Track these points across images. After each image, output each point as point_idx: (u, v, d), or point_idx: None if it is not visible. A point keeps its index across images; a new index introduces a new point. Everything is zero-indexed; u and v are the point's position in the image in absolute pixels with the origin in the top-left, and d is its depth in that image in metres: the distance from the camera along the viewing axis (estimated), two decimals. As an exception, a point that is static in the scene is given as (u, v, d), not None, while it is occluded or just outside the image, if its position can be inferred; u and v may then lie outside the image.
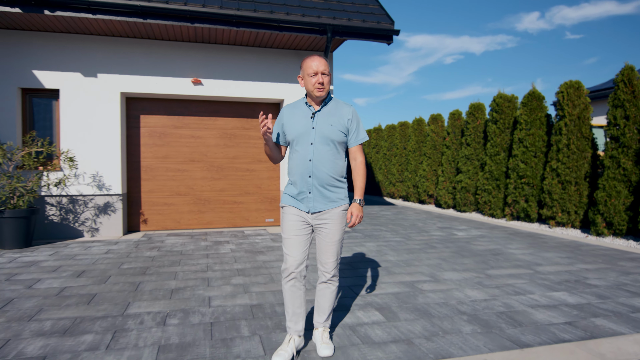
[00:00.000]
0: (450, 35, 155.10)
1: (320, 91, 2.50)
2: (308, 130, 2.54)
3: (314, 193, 2.52)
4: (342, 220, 2.58)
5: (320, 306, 2.67)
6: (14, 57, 6.33)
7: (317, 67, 2.48)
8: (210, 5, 6.20)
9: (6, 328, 2.94)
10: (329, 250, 2.57)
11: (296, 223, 2.56)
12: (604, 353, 2.65)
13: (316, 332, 2.68)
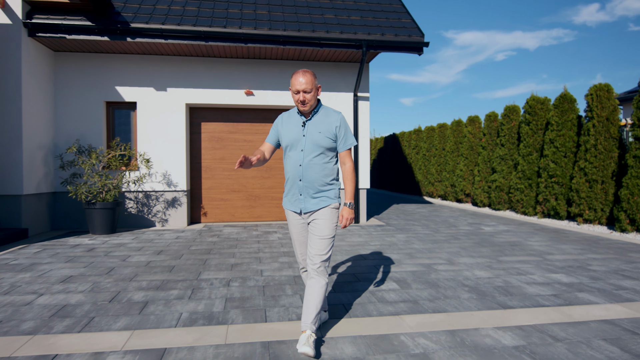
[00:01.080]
0: (502, 31, 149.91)
1: (302, 107, 2.72)
2: (299, 137, 2.76)
3: (304, 195, 2.76)
4: (332, 217, 2.75)
5: (308, 303, 2.60)
6: (100, 75, 7.62)
7: (299, 86, 2.67)
8: (261, 27, 7.19)
9: (115, 285, 3.99)
10: (316, 245, 2.69)
11: (297, 226, 2.87)
12: (572, 314, 3.31)
13: (303, 335, 2.49)
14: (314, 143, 2.71)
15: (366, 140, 8.39)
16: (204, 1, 7.80)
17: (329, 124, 2.75)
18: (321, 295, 2.62)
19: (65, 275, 4.32)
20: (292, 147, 2.78)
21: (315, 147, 2.71)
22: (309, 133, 2.73)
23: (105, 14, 6.93)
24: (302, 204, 2.76)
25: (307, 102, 2.69)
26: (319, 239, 2.70)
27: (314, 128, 2.73)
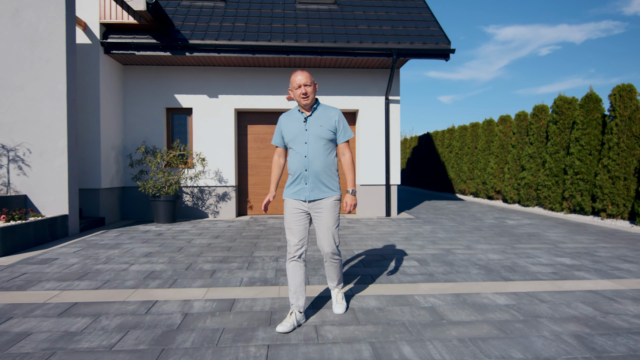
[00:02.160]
0: (546, 24, 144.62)
1: (304, 100, 2.97)
2: (302, 132, 3.01)
3: (309, 184, 2.98)
4: (334, 209, 3.01)
5: (329, 276, 3.23)
6: (161, 85, 8.72)
7: (299, 81, 2.95)
8: (301, 40, 8.05)
9: (187, 258, 4.94)
10: (325, 236, 3.01)
11: (294, 215, 3.03)
12: (563, 286, 3.95)
13: (333, 292, 3.30)
14: (316, 135, 2.98)
15: (397, 140, 9.09)
16: (251, 17, 8.76)
17: (329, 118, 3.02)
18: (339, 270, 3.19)
19: (145, 251, 5.33)
20: (296, 141, 3.02)
21: (317, 139, 2.98)
22: (311, 127, 2.99)
23: (167, 32, 8.00)
24: (307, 193, 2.99)
25: (308, 94, 2.95)
26: (327, 230, 2.99)
27: (315, 122, 3.00)
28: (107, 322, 3.03)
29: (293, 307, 2.96)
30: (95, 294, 3.67)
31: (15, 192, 6.30)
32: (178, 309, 3.30)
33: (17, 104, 6.32)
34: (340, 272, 3.22)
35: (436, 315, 3.19)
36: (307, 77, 2.97)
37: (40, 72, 6.35)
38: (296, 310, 2.95)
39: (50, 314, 3.20)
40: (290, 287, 3.00)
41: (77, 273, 4.31)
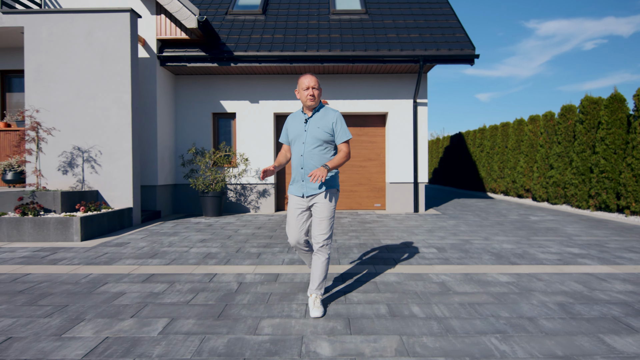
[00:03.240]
0: (591, 17, 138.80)
1: (311, 101, 3.20)
2: (302, 132, 3.24)
3: (306, 180, 3.21)
4: (329, 201, 3.22)
5: (313, 274, 3.25)
6: (208, 92, 9.67)
7: (308, 83, 3.18)
8: (334, 50, 8.78)
9: (236, 244, 5.77)
10: (319, 225, 3.19)
11: (295, 210, 3.28)
12: (563, 270, 4.49)
13: (309, 299, 3.24)
14: (313, 136, 3.18)
15: (424, 140, 9.66)
16: (289, 29, 9.57)
17: (327, 121, 3.23)
18: (324, 268, 3.21)
19: (200, 238, 6.21)
20: (296, 140, 3.27)
21: (314, 140, 3.18)
22: (310, 128, 3.21)
23: (214, 45, 8.92)
24: (304, 189, 3.23)
25: (315, 96, 3.19)
26: (320, 220, 3.19)
27: (314, 124, 3.22)
28: (180, 287, 3.87)
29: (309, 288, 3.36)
30: (166, 268, 4.54)
31: (89, 188, 7.35)
32: (234, 279, 4.10)
33: (90, 111, 7.36)
34: (324, 273, 3.22)
35: (444, 287, 3.84)
36: (315, 81, 3.21)
37: (109, 84, 7.38)
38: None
39: (135, 280, 4.07)
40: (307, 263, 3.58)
41: (148, 253, 5.22)
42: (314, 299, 3.21)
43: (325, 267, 3.23)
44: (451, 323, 3.01)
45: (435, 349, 2.60)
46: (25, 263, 4.77)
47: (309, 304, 3.26)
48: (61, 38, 7.36)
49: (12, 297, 3.59)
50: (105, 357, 2.52)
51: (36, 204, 6.34)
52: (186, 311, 3.25)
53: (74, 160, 7.32)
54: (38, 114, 7.21)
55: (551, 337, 2.77)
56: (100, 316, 3.16)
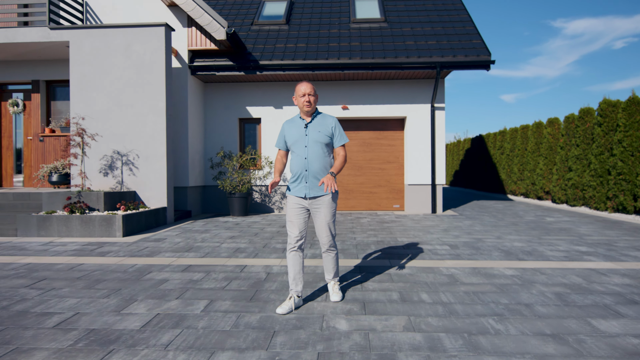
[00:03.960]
0: (621, 15, 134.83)
1: (307, 107, 3.37)
2: (302, 136, 3.39)
3: (309, 182, 3.35)
4: (331, 204, 3.39)
5: (327, 267, 3.56)
6: (235, 99, 10.23)
7: (304, 91, 3.35)
8: (354, 57, 9.21)
9: (262, 240, 6.26)
10: (323, 229, 3.40)
11: (295, 210, 3.40)
12: (567, 265, 4.79)
13: (329, 285, 3.60)
14: (315, 140, 3.37)
15: (442, 143, 9.98)
16: (311, 38, 10.05)
17: (326, 125, 3.43)
18: (336, 261, 3.54)
19: (229, 235, 6.72)
20: (297, 145, 3.41)
21: (315, 144, 3.37)
22: (310, 132, 3.39)
23: (241, 54, 9.48)
24: (307, 190, 3.37)
25: (311, 103, 3.37)
26: (325, 224, 3.39)
27: (314, 129, 3.40)
28: (215, 276, 4.36)
29: (292, 292, 3.37)
30: (201, 260, 5.05)
31: (127, 189, 7.98)
32: (262, 270, 4.58)
33: (128, 118, 8.00)
34: (336, 265, 3.56)
35: (452, 279, 4.22)
36: (311, 88, 3.38)
37: (146, 93, 7.99)
38: (295, 295, 3.35)
39: (175, 270, 4.59)
40: (290, 274, 3.40)
41: (184, 247, 5.76)
42: (332, 285, 3.59)
43: (337, 260, 3.57)
44: (455, 307, 3.40)
45: (438, 327, 3.00)
46: (77, 255, 5.36)
47: (329, 290, 3.64)
48: (102, 51, 8.03)
49: (72, 282, 4.15)
50: (159, 327, 3.02)
51: (82, 203, 6.97)
52: (222, 295, 3.74)
53: (114, 163, 7.96)
54: (82, 120, 7.88)
55: (543, 320, 3.13)
56: (149, 297, 3.67)
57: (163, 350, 2.67)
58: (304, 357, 2.55)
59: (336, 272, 3.59)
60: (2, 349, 2.70)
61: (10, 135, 9.73)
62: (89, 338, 2.86)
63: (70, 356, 2.60)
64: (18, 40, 8.21)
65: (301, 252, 3.45)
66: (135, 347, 2.71)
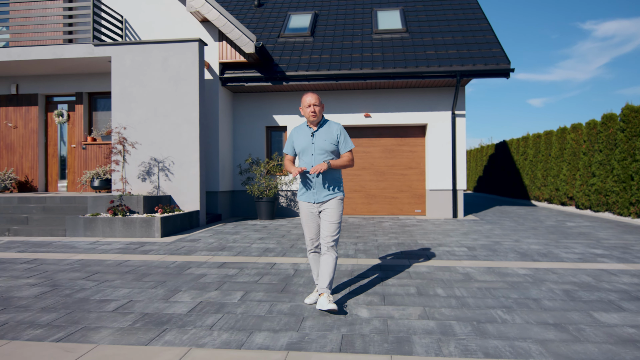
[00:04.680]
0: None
1: (313, 117, 3.49)
2: (309, 144, 3.53)
3: (316, 189, 3.50)
4: (338, 207, 3.51)
5: (322, 272, 3.43)
6: (262, 108, 10.75)
7: (309, 101, 3.48)
8: (377, 67, 9.59)
9: (289, 242, 6.67)
10: (328, 228, 3.47)
11: (307, 214, 3.58)
12: (580, 266, 5.02)
13: (320, 298, 3.32)
14: (321, 148, 3.51)
15: (462, 150, 10.22)
16: (335, 49, 10.49)
17: (332, 133, 3.55)
18: (333, 267, 3.43)
19: (258, 237, 7.17)
20: (304, 152, 3.57)
21: (322, 151, 3.51)
22: (317, 141, 3.53)
23: (268, 66, 9.99)
24: (315, 196, 3.53)
25: (317, 113, 3.50)
26: (329, 223, 3.48)
27: (320, 137, 3.53)
28: (248, 272, 4.80)
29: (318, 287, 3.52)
30: (234, 258, 5.50)
31: (163, 193, 8.55)
32: (291, 267, 4.99)
33: (165, 128, 8.58)
34: (333, 272, 3.42)
35: (467, 277, 4.53)
36: (317, 98, 3.51)
37: (181, 104, 8.57)
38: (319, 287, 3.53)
39: (212, 266, 5.05)
40: (313, 272, 3.72)
41: (217, 247, 6.23)
42: (325, 297, 3.31)
43: (334, 266, 3.45)
44: (467, 300, 3.72)
45: (450, 316, 3.33)
46: (122, 253, 5.90)
47: (320, 302, 3.30)
48: (141, 65, 8.66)
49: (122, 276, 4.66)
50: (203, 312, 3.45)
51: (124, 206, 7.56)
52: (256, 287, 4.17)
53: (151, 169, 8.55)
54: (123, 130, 8.51)
55: (548, 312, 3.42)
56: (192, 289, 4.13)
57: (208, 330, 3.10)
58: (330, 337, 2.93)
59: (332, 279, 3.41)
60: (74, 327, 3.18)
61: (55, 143, 10.50)
62: (144, 320, 3.31)
63: (131, 333, 3.05)
64: (65, 56, 8.93)
65: (319, 252, 3.65)
66: (184, 327, 3.15)
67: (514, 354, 2.67)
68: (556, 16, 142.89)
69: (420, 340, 2.88)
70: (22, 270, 4.96)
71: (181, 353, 2.72)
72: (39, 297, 3.93)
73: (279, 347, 2.79)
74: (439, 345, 2.81)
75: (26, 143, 10.36)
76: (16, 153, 10.40)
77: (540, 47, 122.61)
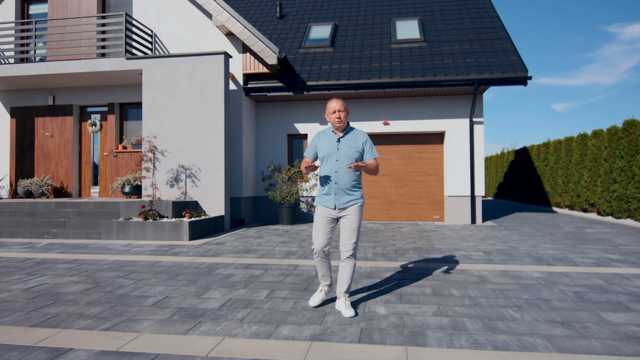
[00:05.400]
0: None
1: (338, 122, 3.54)
2: (334, 150, 3.54)
3: (338, 194, 3.53)
4: (358, 213, 3.56)
5: (341, 279, 3.57)
6: (284, 117, 11.11)
7: (334, 107, 3.53)
8: (395, 76, 9.85)
9: (310, 245, 6.96)
10: (347, 235, 3.54)
11: (323, 219, 3.58)
12: (594, 270, 5.15)
13: (339, 302, 3.55)
14: (346, 155, 3.54)
15: (481, 156, 10.35)
16: (354, 59, 10.79)
17: (358, 141, 3.60)
18: (352, 273, 3.58)
19: (280, 241, 7.48)
20: (328, 157, 3.58)
21: (346, 158, 3.54)
22: (342, 147, 3.56)
23: (290, 76, 10.36)
24: (337, 201, 3.55)
25: (342, 119, 3.53)
26: (350, 230, 3.54)
27: (346, 144, 3.57)
28: (272, 272, 5.10)
29: (321, 286, 3.79)
30: (259, 260, 5.82)
31: (190, 199, 8.95)
32: (312, 269, 5.27)
33: (192, 136, 9.01)
34: (351, 278, 3.61)
35: (482, 279, 4.73)
36: (341, 104, 3.55)
37: (207, 113, 8.99)
38: (325, 287, 3.78)
39: (238, 267, 5.37)
40: (319, 274, 3.76)
41: (242, 250, 6.56)
42: (343, 301, 3.55)
43: (353, 272, 3.60)
44: (480, 300, 3.93)
45: (462, 314, 3.56)
46: (154, 254, 6.28)
47: (338, 307, 3.57)
48: (170, 77, 9.12)
49: (156, 275, 5.02)
50: (233, 308, 3.76)
51: (155, 210, 7.98)
52: (280, 286, 4.46)
53: (179, 176, 8.97)
54: (154, 139, 8.97)
55: (557, 311, 3.61)
56: (221, 287, 4.45)
57: (239, 322, 3.40)
58: (350, 330, 3.20)
59: (349, 285, 3.61)
60: (118, 318, 3.53)
61: (89, 151, 11.07)
62: (180, 313, 3.64)
63: (169, 324, 3.38)
64: (99, 69, 9.48)
65: (326, 256, 3.67)
66: (217, 320, 3.46)
67: (520, 347, 2.89)
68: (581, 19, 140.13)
69: (433, 334, 3.12)
70: (65, 269, 5.38)
71: (216, 341, 3.02)
72: (84, 292, 4.30)
73: (304, 338, 3.07)
74: (451, 338, 3.04)
75: (62, 151, 10.96)
76: (52, 160, 11.00)
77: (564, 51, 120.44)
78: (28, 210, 8.87)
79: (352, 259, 3.59)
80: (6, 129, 11.21)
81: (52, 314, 3.66)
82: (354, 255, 3.59)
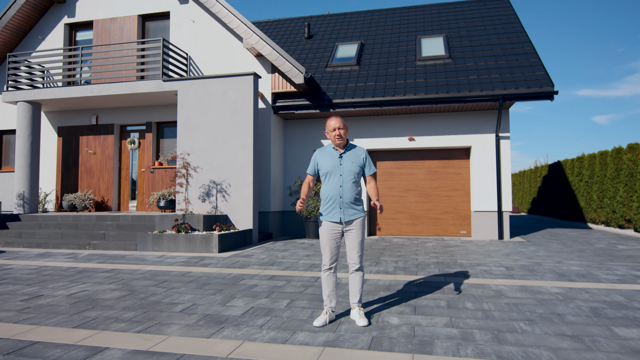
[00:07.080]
0: None
1: (339, 140, 3.71)
2: (337, 166, 3.70)
3: (343, 208, 3.66)
4: (363, 226, 3.72)
5: (352, 290, 3.75)
6: (311, 133, 11.44)
7: (334, 125, 3.70)
8: (419, 93, 10.02)
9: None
10: (354, 249, 3.69)
11: (330, 234, 3.68)
12: (617, 287, 5.10)
13: (353, 311, 3.73)
14: (349, 170, 3.71)
15: (507, 171, 10.30)
16: (379, 77, 11.04)
17: (358, 157, 3.79)
18: (361, 284, 3.75)
19: (305, 254, 7.72)
20: (332, 173, 3.72)
21: (349, 173, 3.71)
22: (345, 163, 3.73)
23: (317, 94, 10.71)
24: (342, 215, 3.68)
25: (342, 135, 3.71)
26: (356, 243, 3.70)
27: (348, 159, 3.74)
28: (294, 283, 5.33)
29: (326, 308, 3.74)
30: (283, 272, 6.07)
31: (220, 213, 9.35)
32: (333, 281, 5.46)
33: (223, 153, 9.45)
34: (362, 288, 3.77)
35: (499, 293, 4.79)
36: (341, 122, 3.73)
37: (237, 132, 9.42)
38: (330, 310, 3.74)
39: (263, 278, 5.64)
40: (324, 292, 3.74)
41: (268, 262, 6.84)
42: (357, 311, 3.73)
43: (362, 283, 3.78)
44: (493, 313, 4.02)
45: (473, 326, 3.67)
46: (185, 265, 6.65)
47: (352, 317, 3.76)
48: (203, 97, 9.64)
49: (186, 284, 5.35)
50: (254, 315, 4.02)
51: (187, 224, 8.40)
52: (301, 297, 4.69)
53: (210, 191, 9.41)
54: (187, 156, 9.47)
55: (569, 325, 3.67)
56: (245, 296, 4.72)
57: (259, 328, 3.65)
58: (362, 338, 3.38)
59: (361, 296, 3.78)
60: (150, 322, 3.84)
61: (127, 167, 11.74)
62: (206, 319, 3.92)
63: (195, 328, 3.66)
64: (138, 91, 10.12)
65: (335, 273, 3.77)
66: (239, 326, 3.71)
67: (525, 358, 2.99)
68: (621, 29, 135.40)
69: (441, 344, 3.26)
70: (103, 278, 5.80)
71: (236, 344, 3.27)
72: (120, 299, 4.67)
73: (317, 344, 3.28)
74: (458, 348, 3.17)
75: (103, 167, 11.67)
76: (94, 176, 11.72)
77: (605, 61, 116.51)
78: (72, 223, 9.51)
79: (360, 271, 3.76)
80: (53, 147, 12.05)
81: (91, 317, 4.02)
82: (361, 267, 3.76)
